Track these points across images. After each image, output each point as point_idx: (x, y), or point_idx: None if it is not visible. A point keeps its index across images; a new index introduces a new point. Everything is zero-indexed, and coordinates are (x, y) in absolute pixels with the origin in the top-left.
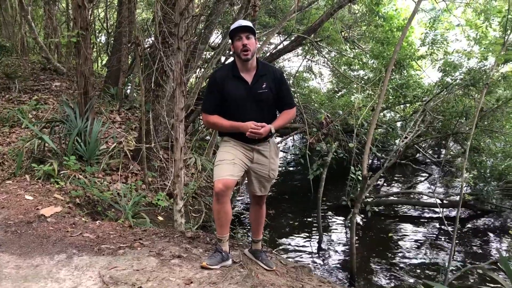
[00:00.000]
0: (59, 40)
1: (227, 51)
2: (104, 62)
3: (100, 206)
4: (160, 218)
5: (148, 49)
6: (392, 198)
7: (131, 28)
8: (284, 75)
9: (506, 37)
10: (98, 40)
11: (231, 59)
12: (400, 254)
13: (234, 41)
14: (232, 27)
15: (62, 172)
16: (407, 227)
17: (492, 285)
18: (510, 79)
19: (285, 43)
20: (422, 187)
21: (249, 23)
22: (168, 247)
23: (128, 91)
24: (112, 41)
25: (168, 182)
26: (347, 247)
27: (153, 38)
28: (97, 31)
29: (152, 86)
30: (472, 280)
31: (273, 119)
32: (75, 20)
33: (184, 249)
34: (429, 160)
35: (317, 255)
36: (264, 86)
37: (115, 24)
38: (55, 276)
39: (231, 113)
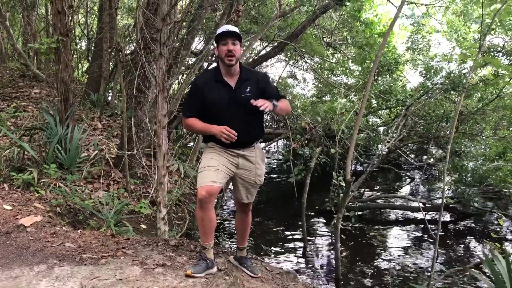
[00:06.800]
0: (38, 47)
1: (210, 57)
2: (84, 68)
3: (81, 214)
4: (143, 226)
5: (130, 55)
6: (375, 202)
7: (112, 34)
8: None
9: (481, 42)
10: (78, 46)
11: (214, 65)
12: (384, 258)
13: (219, 45)
14: (219, 31)
15: (42, 180)
16: (391, 231)
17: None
18: (489, 82)
19: (268, 49)
20: (405, 191)
21: (236, 29)
22: (152, 256)
23: (110, 97)
24: (92, 47)
25: (151, 190)
26: (332, 252)
27: (134, 44)
28: (78, 37)
29: (134, 92)
30: (455, 283)
31: (259, 125)
32: (55, 26)
33: (168, 258)
34: (411, 165)
35: (302, 260)
36: (248, 90)
37: (96, 30)
38: (35, 287)
39: (214, 118)
